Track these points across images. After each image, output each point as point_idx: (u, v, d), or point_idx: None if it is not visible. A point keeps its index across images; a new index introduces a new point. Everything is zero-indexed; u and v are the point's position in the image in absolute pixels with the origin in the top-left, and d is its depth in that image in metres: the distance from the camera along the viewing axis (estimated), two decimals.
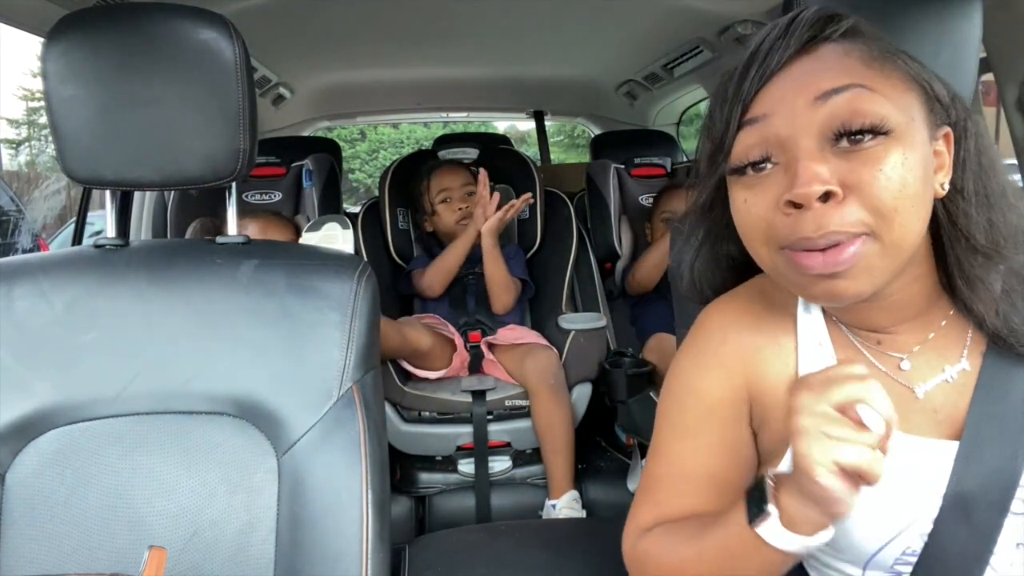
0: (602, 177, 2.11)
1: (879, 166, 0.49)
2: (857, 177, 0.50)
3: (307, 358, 0.79)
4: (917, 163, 0.51)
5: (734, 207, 0.57)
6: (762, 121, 0.53)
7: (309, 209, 1.98)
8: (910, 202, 0.50)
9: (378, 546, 0.74)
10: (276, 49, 2.16)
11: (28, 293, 0.79)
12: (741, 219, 0.57)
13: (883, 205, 0.49)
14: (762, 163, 0.54)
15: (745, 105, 0.54)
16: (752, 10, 1.78)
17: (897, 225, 0.50)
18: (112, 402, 0.77)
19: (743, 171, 0.55)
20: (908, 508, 0.57)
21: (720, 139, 0.56)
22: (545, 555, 0.90)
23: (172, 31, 0.79)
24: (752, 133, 0.54)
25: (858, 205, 0.50)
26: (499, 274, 1.81)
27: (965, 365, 0.59)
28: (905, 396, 0.59)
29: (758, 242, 0.56)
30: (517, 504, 1.67)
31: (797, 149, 0.51)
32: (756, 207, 0.54)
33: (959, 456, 0.56)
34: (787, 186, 0.51)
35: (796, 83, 0.53)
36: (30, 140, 12.87)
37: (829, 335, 0.63)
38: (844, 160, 0.50)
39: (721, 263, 0.68)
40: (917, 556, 0.57)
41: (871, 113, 0.50)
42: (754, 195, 0.55)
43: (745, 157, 0.54)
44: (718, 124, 0.56)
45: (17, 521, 0.74)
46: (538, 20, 2.06)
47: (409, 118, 4.32)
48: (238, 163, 0.82)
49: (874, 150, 0.50)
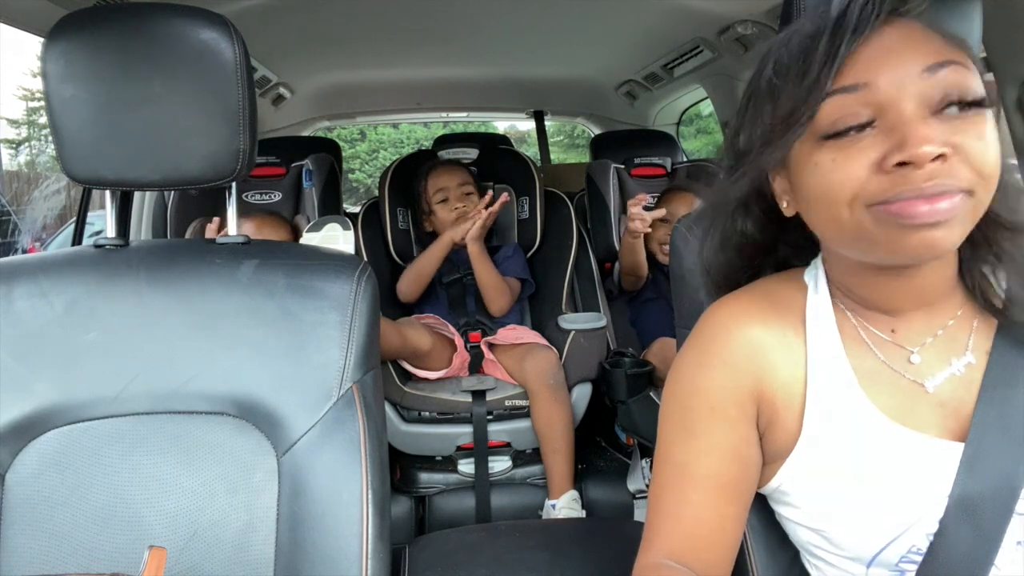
0: (602, 177, 2.11)
1: (981, 133, 0.53)
2: (961, 140, 0.52)
3: (307, 358, 0.79)
4: (997, 136, 0.54)
5: (816, 170, 0.56)
6: (863, 89, 0.54)
7: (309, 209, 1.98)
8: (999, 170, 0.54)
9: (378, 546, 0.74)
10: (276, 49, 2.16)
11: (28, 293, 0.79)
12: (826, 179, 0.56)
13: (985, 168, 0.52)
14: (863, 127, 0.54)
15: (839, 69, 0.55)
16: (752, 10, 1.78)
17: (989, 187, 0.53)
18: (112, 402, 0.77)
19: (843, 134, 0.55)
20: (913, 506, 0.57)
21: (801, 102, 0.56)
22: (545, 555, 0.90)
23: (172, 31, 0.79)
24: (850, 100, 0.54)
25: (964, 163, 0.52)
26: (490, 278, 1.81)
27: (971, 358, 0.60)
28: (913, 391, 0.60)
29: (841, 202, 0.55)
30: (517, 504, 1.67)
31: (905, 113, 0.53)
32: (850, 167, 0.54)
33: (964, 457, 0.56)
34: (892, 148, 0.52)
35: (896, 51, 0.54)
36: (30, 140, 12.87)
37: (839, 331, 0.63)
38: (947, 125, 0.52)
39: (737, 243, 0.68)
40: (923, 555, 0.57)
41: (976, 88, 0.53)
42: (847, 156, 0.54)
43: (841, 121, 0.54)
44: (794, 86, 0.56)
45: (17, 521, 0.74)
46: (538, 20, 2.06)
47: (409, 118, 4.32)
48: (238, 163, 0.82)
49: (976, 119, 0.53)
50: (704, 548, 0.62)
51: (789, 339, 0.63)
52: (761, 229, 0.66)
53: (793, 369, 0.63)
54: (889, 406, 0.59)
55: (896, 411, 0.59)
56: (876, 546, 0.58)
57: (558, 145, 11.24)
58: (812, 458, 0.61)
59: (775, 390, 0.63)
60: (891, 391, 0.60)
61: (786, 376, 0.63)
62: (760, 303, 0.66)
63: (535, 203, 2.00)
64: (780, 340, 0.63)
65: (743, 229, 0.67)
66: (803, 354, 0.63)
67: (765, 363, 0.63)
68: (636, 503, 1.69)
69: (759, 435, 0.65)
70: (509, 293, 1.85)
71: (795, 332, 0.64)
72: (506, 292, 1.84)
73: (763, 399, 0.63)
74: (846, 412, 0.60)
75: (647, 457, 1.70)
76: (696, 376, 0.65)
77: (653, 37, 2.18)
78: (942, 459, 0.57)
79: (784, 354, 0.63)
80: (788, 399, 0.62)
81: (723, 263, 0.70)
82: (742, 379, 0.63)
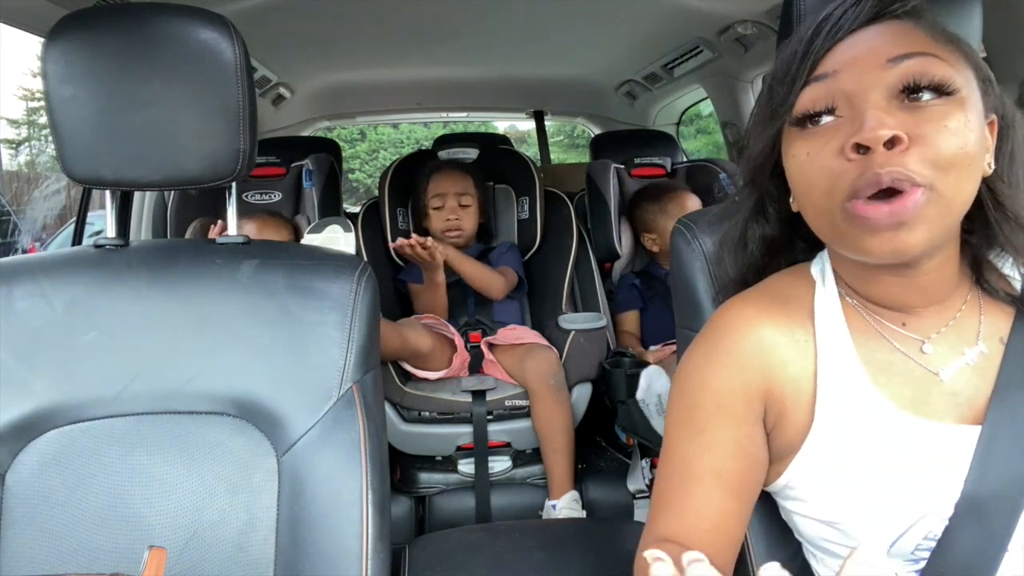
0: (602, 177, 2.11)
1: (944, 122, 0.52)
2: (922, 130, 0.52)
3: (307, 358, 0.79)
4: (976, 128, 0.53)
5: (794, 162, 0.58)
6: (831, 77, 0.56)
7: (309, 209, 1.98)
8: (967, 161, 0.53)
9: (378, 546, 0.74)
10: (276, 49, 2.16)
11: (28, 293, 0.79)
12: (802, 171, 0.58)
13: (943, 159, 0.52)
14: (826, 114, 0.55)
15: (815, 62, 0.56)
16: (752, 10, 1.78)
17: (952, 180, 0.52)
18: (112, 402, 0.77)
19: (806, 122, 0.56)
20: (928, 494, 0.57)
21: (785, 95, 0.58)
22: (545, 555, 0.90)
23: (172, 31, 0.79)
24: (819, 87, 0.56)
25: (921, 155, 0.52)
26: (473, 273, 1.81)
27: (983, 348, 0.60)
28: (927, 380, 0.60)
29: (819, 194, 0.56)
30: (517, 504, 1.67)
31: (865, 102, 0.53)
32: (819, 157, 0.55)
33: (980, 442, 0.57)
34: (852, 133, 0.53)
35: (867, 46, 0.55)
36: (30, 140, 12.87)
37: (847, 325, 0.63)
38: (909, 114, 0.52)
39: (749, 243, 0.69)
40: (937, 541, 0.57)
41: (939, 74, 0.53)
42: (817, 146, 0.56)
43: (811, 107, 0.56)
44: (782, 83, 0.59)
45: (17, 521, 0.74)
46: (538, 20, 2.06)
47: (409, 118, 4.32)
48: (238, 163, 0.82)
49: (939, 108, 0.52)
50: (706, 543, 0.62)
51: (798, 335, 0.64)
52: (777, 227, 0.68)
53: (802, 364, 0.63)
54: (902, 396, 0.60)
55: (909, 400, 0.59)
56: (892, 536, 0.58)
57: (558, 145, 11.24)
58: (825, 451, 0.61)
59: (784, 387, 0.63)
60: (903, 381, 0.60)
61: (795, 372, 0.63)
62: (768, 302, 0.66)
63: (535, 203, 2.00)
64: (789, 337, 0.64)
65: (762, 230, 0.68)
66: (812, 349, 0.63)
67: (774, 361, 0.63)
68: (636, 503, 1.69)
69: (766, 433, 0.65)
70: (501, 279, 1.84)
71: (803, 328, 0.64)
72: (496, 279, 1.83)
73: (771, 397, 0.63)
74: (858, 404, 0.60)
75: (647, 457, 1.70)
76: (705, 374, 0.65)
77: (653, 37, 2.18)
78: (957, 446, 0.57)
79: (793, 351, 0.63)
80: (797, 394, 0.62)
81: (742, 261, 0.71)
82: (750, 378, 0.63)
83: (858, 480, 0.59)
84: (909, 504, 0.58)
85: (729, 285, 0.72)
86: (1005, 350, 0.60)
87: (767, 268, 0.70)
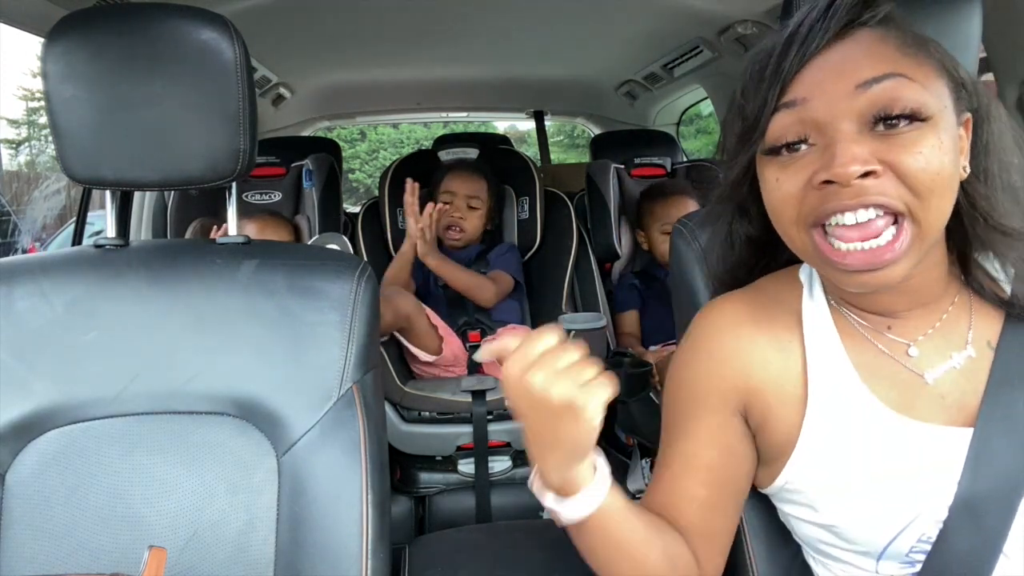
0: (602, 177, 2.11)
1: (918, 149, 0.51)
2: (896, 157, 0.51)
3: (307, 358, 0.79)
4: (950, 148, 0.52)
5: (765, 187, 0.58)
6: (800, 104, 0.54)
7: (309, 209, 1.98)
8: (945, 184, 0.52)
9: (378, 546, 0.74)
10: (276, 49, 2.16)
11: (28, 293, 0.79)
12: (772, 198, 0.57)
13: (921, 186, 0.51)
14: (798, 144, 0.55)
15: (783, 87, 0.55)
16: (752, 10, 1.78)
17: (933, 207, 0.52)
18: (112, 402, 0.77)
19: (778, 151, 0.56)
20: (920, 496, 0.57)
21: (755, 119, 0.57)
22: (545, 555, 0.90)
23: (172, 31, 0.79)
24: (789, 115, 0.55)
25: (896, 182, 0.51)
26: (460, 280, 1.81)
27: (971, 352, 0.60)
28: (913, 382, 0.60)
29: (788, 221, 0.56)
30: (517, 504, 1.67)
31: (836, 132, 0.52)
32: (788, 185, 0.55)
33: (972, 445, 0.56)
34: (823, 165, 0.52)
35: (836, 69, 0.54)
36: (30, 140, 12.87)
37: (835, 326, 0.63)
38: (882, 142, 0.52)
39: (736, 243, 0.69)
40: (932, 544, 0.57)
41: (911, 100, 0.51)
42: (787, 175, 0.55)
43: (782, 138, 0.55)
44: (752, 104, 0.57)
45: (17, 521, 0.74)
46: (538, 20, 2.06)
47: (409, 118, 4.32)
48: (238, 163, 0.82)
49: (912, 135, 0.51)
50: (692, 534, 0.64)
51: (782, 337, 0.64)
52: (761, 228, 0.67)
53: (786, 364, 0.63)
54: (890, 397, 0.60)
55: (898, 402, 0.59)
56: (886, 537, 0.58)
57: (558, 145, 11.23)
58: (817, 452, 0.61)
59: (765, 384, 0.63)
60: (891, 383, 0.60)
61: (778, 373, 0.63)
62: (752, 303, 0.66)
63: (535, 203, 2.00)
64: (771, 337, 0.64)
65: (746, 231, 0.68)
66: (799, 350, 0.63)
67: (754, 360, 0.64)
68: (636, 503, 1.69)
69: (751, 433, 0.65)
70: (489, 286, 1.84)
71: (789, 330, 0.64)
72: (485, 286, 1.83)
73: (751, 394, 0.64)
74: (849, 405, 0.60)
75: (647, 457, 1.69)
76: (683, 372, 0.67)
77: (653, 37, 2.18)
78: (948, 447, 0.57)
79: (775, 350, 0.64)
80: (782, 396, 0.63)
81: (730, 261, 0.71)
82: (727, 374, 0.64)
83: (851, 481, 0.59)
84: (902, 506, 0.58)
85: (720, 285, 0.72)
86: (995, 354, 0.59)
87: (756, 267, 0.70)
